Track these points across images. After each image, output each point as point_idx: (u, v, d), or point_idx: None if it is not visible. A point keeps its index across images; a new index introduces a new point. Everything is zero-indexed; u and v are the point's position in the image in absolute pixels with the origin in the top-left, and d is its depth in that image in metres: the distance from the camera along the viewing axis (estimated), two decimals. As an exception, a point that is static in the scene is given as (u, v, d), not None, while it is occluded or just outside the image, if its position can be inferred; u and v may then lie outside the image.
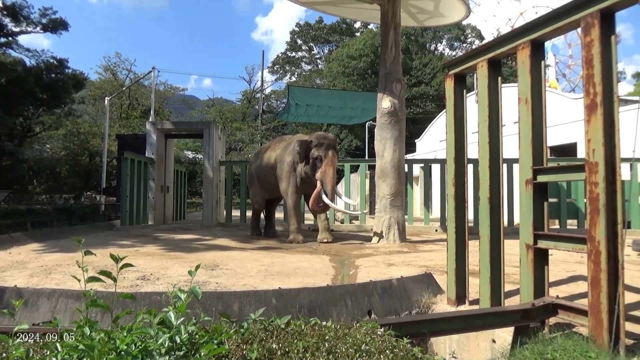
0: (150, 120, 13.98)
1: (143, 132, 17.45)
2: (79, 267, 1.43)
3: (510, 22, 37.98)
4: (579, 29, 2.61)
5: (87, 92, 30.79)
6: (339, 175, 17.67)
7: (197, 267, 1.64)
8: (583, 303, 3.10)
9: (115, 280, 1.42)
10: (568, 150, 13.72)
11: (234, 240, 8.77)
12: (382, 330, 1.63)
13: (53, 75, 19.99)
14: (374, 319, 3.60)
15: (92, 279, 1.41)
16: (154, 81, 21.99)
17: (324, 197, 8.08)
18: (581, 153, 13.32)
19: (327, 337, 1.47)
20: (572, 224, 10.89)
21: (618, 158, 2.42)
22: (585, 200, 10.96)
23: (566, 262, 5.72)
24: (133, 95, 32.27)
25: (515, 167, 9.83)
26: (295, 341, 1.41)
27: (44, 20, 19.76)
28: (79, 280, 1.45)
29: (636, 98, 15.25)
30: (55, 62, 20.13)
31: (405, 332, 2.25)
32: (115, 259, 1.46)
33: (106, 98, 20.75)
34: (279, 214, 11.94)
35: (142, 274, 4.79)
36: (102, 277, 1.44)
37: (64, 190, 27.23)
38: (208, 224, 12.44)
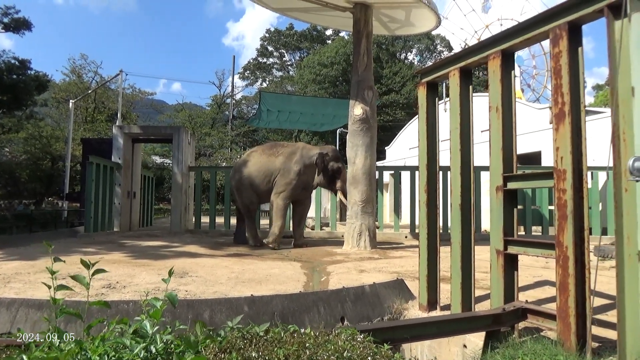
0: (117, 124, 13.61)
1: (109, 137, 16.98)
2: (50, 273, 1.35)
3: (477, 34, 38.98)
4: (548, 40, 2.70)
5: (50, 94, 29.76)
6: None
7: (170, 272, 1.58)
8: (551, 307, 3.18)
9: (88, 286, 1.35)
10: (533, 158, 14.13)
11: (203, 247, 8.61)
12: (362, 336, 1.61)
13: (14, 76, 19.21)
14: (347, 326, 3.59)
15: (62, 287, 1.34)
16: (121, 84, 21.45)
17: (345, 202, 8.90)
18: (545, 161, 13.75)
19: (307, 345, 1.44)
20: (536, 230, 11.21)
21: (585, 166, 2.50)
22: (549, 207, 11.33)
23: (532, 267, 5.87)
24: (99, 98, 31.38)
25: (483, 174, 10.08)
26: (275, 349, 1.37)
27: (5, 20, 18.99)
28: (50, 287, 1.37)
29: (598, 109, 15.90)
30: (17, 62, 19.36)
31: (380, 338, 2.24)
32: (87, 265, 1.39)
33: (70, 101, 20.09)
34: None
35: (108, 282, 4.63)
36: (69, 285, 1.37)
37: (24, 196, 26.15)
38: (176, 230, 12.18)
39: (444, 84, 16.06)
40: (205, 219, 13.31)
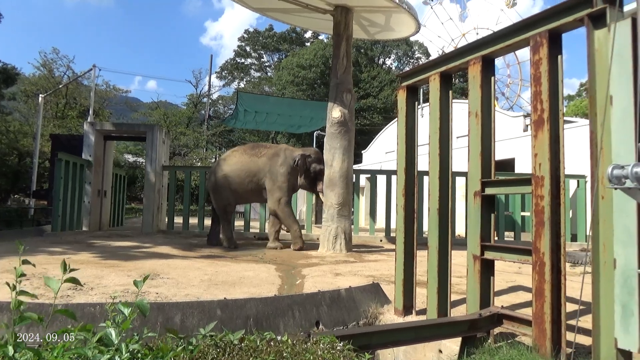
0: (88, 120, 13.23)
1: (80, 133, 16.51)
2: (16, 275, 1.24)
3: (454, 42, 39.63)
4: (523, 50, 2.71)
5: (19, 88, 28.80)
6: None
7: (145, 278, 1.49)
8: (525, 313, 3.20)
9: (56, 292, 1.25)
10: (507, 165, 14.41)
11: (175, 248, 8.42)
12: (341, 344, 1.56)
13: (-20, 68, 18.55)
14: (322, 330, 3.54)
15: (24, 293, 1.23)
16: (94, 80, 20.92)
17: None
18: (519, 168, 14.01)
19: (284, 354, 1.37)
20: (509, 235, 11.40)
21: (562, 173, 2.52)
22: (522, 213, 11.54)
23: (505, 272, 5.93)
24: (71, 94, 30.52)
25: (458, 180, 10.19)
26: (250, 359, 1.30)
27: (-28, 9, 18.31)
28: (12, 289, 1.25)
29: (569, 119, 16.33)
30: (-18, 53, 18.65)
31: (357, 343, 2.20)
32: (65, 268, 1.28)
33: (40, 95, 19.46)
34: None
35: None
36: (35, 285, 1.26)
37: (-12, 192, 25.21)
38: (148, 230, 11.90)
39: (422, 90, 16.22)
40: (178, 220, 13.07)
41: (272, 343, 1.46)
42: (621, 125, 2.13)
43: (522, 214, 11.64)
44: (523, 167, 14.43)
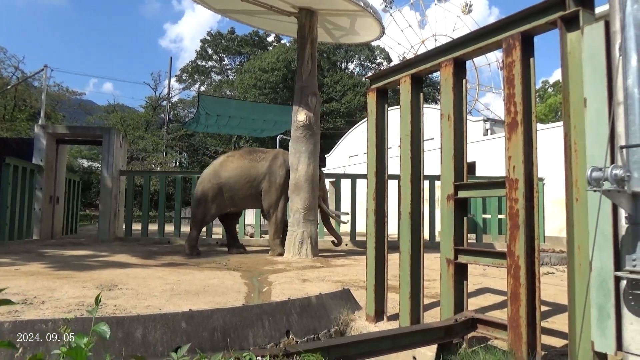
0: (39, 123, 12.56)
1: (30, 137, 15.67)
2: None
3: (413, 49, 40.48)
4: (492, 51, 2.71)
5: (-38, 88, 27.13)
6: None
7: (97, 300, 1.32)
8: (496, 316, 3.19)
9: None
10: (468, 169, 14.78)
11: (134, 256, 8.06)
12: None
13: None
14: (292, 340, 3.41)
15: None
16: (45, 81, 19.93)
17: (324, 208, 9.17)
18: (479, 172, 14.36)
19: (269, 379, 1.26)
20: (471, 238, 11.63)
21: (536, 175, 2.51)
22: (483, 215, 11.80)
23: (471, 274, 5.96)
24: (20, 95, 29.00)
25: (425, 183, 10.29)
26: (231, 387, 1.17)
27: None
28: None
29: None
30: None
31: (333, 355, 2.10)
32: None
33: (-14, 96, 18.37)
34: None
35: (24, 297, 4.13)
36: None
37: None
38: (104, 238, 11.40)
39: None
40: (137, 226, 12.60)
41: (255, 367, 1.33)
42: (595, 127, 2.13)
43: (484, 216, 11.90)
44: (484, 170, 14.81)
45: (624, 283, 1.98)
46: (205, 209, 8.86)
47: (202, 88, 45.76)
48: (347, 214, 11.09)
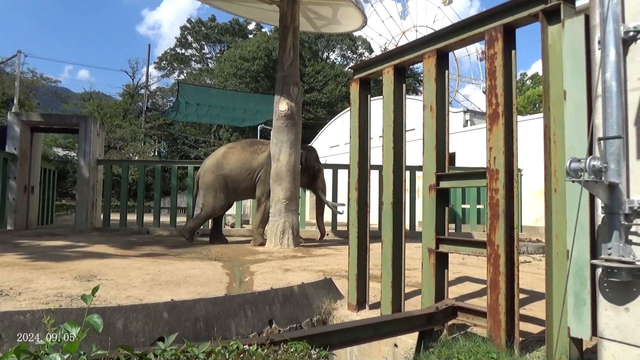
0: (13, 110, 12.20)
1: (4, 124, 15.23)
2: None
3: (394, 40, 40.53)
4: (482, 42, 2.73)
5: None
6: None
7: (96, 289, 1.29)
8: (474, 303, 3.26)
9: None
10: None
11: (113, 247, 7.95)
12: (315, 352, 1.46)
13: None
14: (275, 329, 3.43)
15: None
16: (18, 67, 19.37)
17: (323, 198, 9.48)
18: (459, 162, 14.52)
19: (258, 368, 1.26)
20: (451, 228, 11.79)
21: (516, 166, 2.56)
22: (462, 205, 11.97)
23: (450, 263, 6.07)
24: (-9, 82, 28.13)
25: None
26: (220, 376, 1.17)
27: None
28: None
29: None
30: None
31: (317, 343, 2.11)
32: None
33: (-45, 82, 17.75)
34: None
35: (0, 288, 4.04)
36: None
37: None
38: (82, 228, 11.20)
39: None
40: (115, 217, 12.41)
41: (242, 355, 1.33)
42: (574, 119, 2.18)
43: (463, 206, 12.08)
44: (463, 161, 15.00)
45: (599, 271, 2.04)
46: (214, 200, 8.93)
47: (182, 76, 45.05)
48: (344, 204, 11.17)
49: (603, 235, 2.02)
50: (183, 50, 46.85)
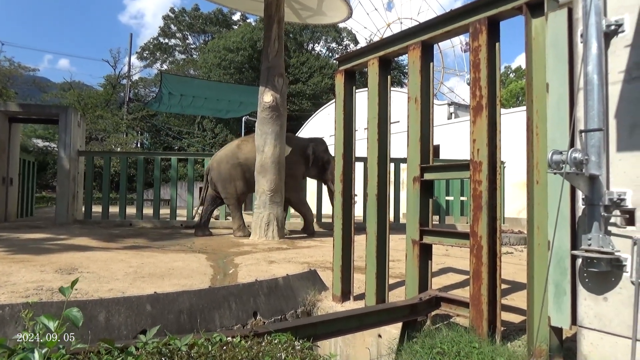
0: (-11, 100, 11.92)
1: (-20, 114, 14.82)
2: None
3: (379, 32, 40.48)
4: (467, 34, 2.74)
5: None
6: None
7: (75, 281, 1.27)
8: (457, 294, 3.30)
9: None
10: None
11: (95, 239, 7.84)
12: (300, 343, 1.46)
13: None
14: (259, 321, 3.42)
15: None
16: (-5, 55, 18.84)
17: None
18: (443, 154, 14.62)
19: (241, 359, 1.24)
20: (434, 219, 11.90)
21: (499, 158, 2.58)
22: (446, 197, 12.07)
23: (434, 255, 6.13)
24: (-33, 70, 27.38)
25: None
26: (203, 369, 1.15)
27: None
28: None
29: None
30: None
31: (302, 335, 2.11)
32: None
33: None
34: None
35: (-23, 282, 3.96)
36: None
37: None
38: (63, 221, 11.01)
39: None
40: (97, 209, 12.24)
41: (225, 347, 1.32)
42: (556, 111, 2.20)
43: (447, 198, 12.19)
44: (447, 154, 15.12)
45: (579, 261, 2.08)
46: (235, 188, 9.10)
47: (165, 67, 44.38)
48: (357, 195, 11.21)
49: (583, 227, 2.05)
50: (166, 40, 46.13)
